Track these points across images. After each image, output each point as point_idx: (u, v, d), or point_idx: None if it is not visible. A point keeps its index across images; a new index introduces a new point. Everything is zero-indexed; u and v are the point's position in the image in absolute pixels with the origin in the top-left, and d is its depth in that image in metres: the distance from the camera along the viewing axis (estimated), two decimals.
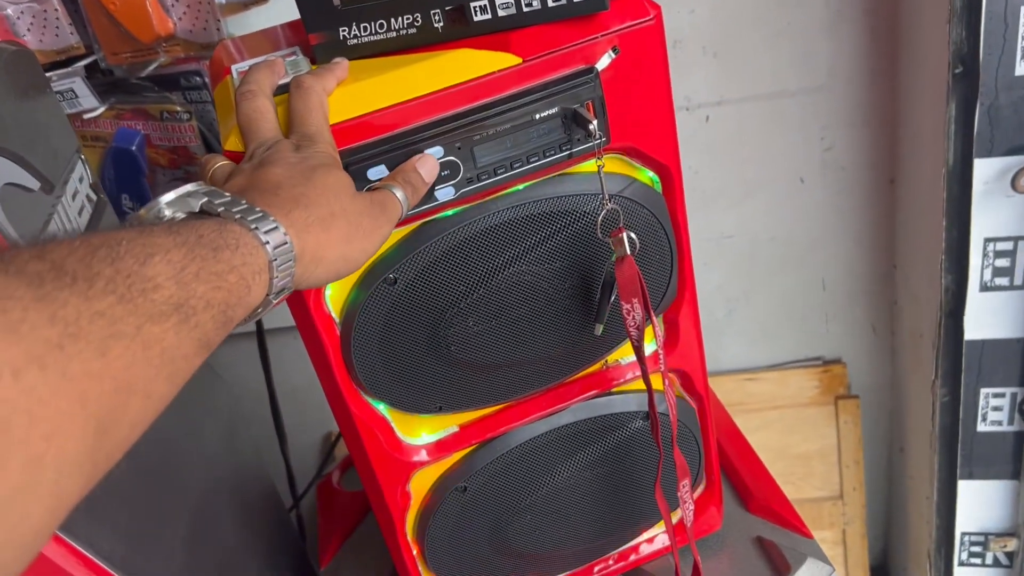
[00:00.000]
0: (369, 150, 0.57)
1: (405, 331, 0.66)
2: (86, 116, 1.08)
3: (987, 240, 1.07)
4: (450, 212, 0.63)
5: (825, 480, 1.58)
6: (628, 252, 0.64)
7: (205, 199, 0.44)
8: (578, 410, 0.77)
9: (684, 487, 0.73)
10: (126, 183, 1.12)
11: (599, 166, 0.62)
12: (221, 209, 0.43)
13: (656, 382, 0.74)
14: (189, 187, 0.44)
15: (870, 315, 1.49)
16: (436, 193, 0.60)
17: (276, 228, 0.43)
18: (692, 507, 0.75)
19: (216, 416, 0.92)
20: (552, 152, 0.62)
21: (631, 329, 0.66)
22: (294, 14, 0.62)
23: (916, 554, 1.49)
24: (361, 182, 0.58)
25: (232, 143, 0.57)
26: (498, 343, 0.69)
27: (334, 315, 0.66)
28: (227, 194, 0.44)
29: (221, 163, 0.55)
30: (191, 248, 0.37)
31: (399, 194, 0.54)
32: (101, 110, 1.07)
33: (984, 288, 1.10)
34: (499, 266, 0.65)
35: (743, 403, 1.56)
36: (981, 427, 1.19)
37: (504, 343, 0.69)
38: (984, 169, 1.03)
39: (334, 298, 0.65)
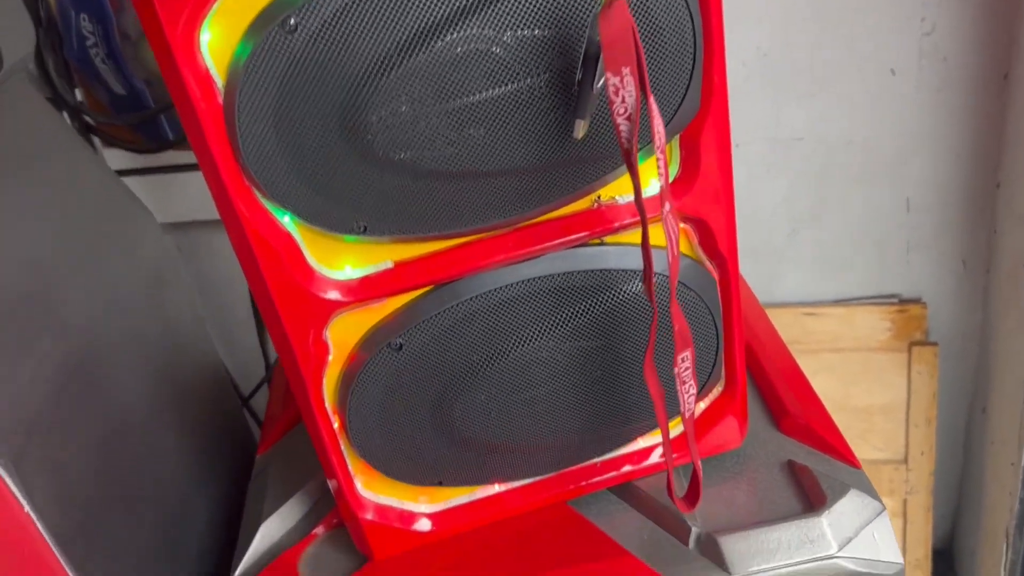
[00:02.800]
0: None
1: (310, 104, 0.48)
2: None
3: None
4: None
5: (888, 440, 1.36)
6: None
7: None
8: (556, 259, 0.58)
9: (683, 362, 0.54)
10: (85, 1, 0.98)
11: None
12: None
13: (656, 233, 0.54)
14: None
15: (961, 245, 1.25)
16: None
17: None
18: (694, 389, 0.55)
19: (130, 255, 0.76)
20: None
21: (619, 119, 0.47)
22: None
23: (990, 532, 1.26)
24: None
25: None
26: (442, 139, 0.51)
27: (215, 74, 0.48)
28: None
29: None
30: None
31: None
32: None
33: None
34: (451, 16, 0.47)
35: (800, 341, 1.34)
36: None
37: (451, 141, 0.51)
38: None
39: (216, 48, 0.47)
